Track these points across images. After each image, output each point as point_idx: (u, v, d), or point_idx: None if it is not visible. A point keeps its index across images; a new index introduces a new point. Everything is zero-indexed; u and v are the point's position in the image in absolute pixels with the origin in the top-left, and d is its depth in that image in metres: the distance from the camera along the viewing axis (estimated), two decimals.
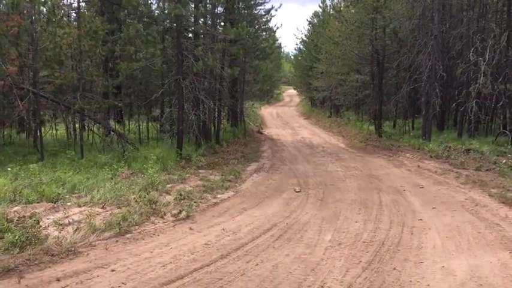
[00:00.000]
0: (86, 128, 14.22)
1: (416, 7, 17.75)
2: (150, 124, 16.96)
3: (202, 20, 15.33)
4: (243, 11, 19.01)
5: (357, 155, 15.81)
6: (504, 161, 12.09)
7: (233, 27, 13.85)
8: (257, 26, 20.30)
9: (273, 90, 49.74)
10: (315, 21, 37.86)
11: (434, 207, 8.21)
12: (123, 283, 4.75)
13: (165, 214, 7.29)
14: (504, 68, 15.86)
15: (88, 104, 12.74)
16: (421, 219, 7.41)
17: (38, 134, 12.63)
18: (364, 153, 16.22)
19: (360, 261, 5.46)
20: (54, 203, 7.40)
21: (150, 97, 15.07)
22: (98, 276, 4.92)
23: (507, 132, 15.00)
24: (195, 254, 5.67)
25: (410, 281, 4.89)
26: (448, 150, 14.25)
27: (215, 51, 13.03)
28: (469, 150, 13.83)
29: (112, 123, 15.97)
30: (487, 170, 11.67)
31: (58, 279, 4.77)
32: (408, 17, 18.53)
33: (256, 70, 19.87)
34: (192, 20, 14.79)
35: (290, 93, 61.85)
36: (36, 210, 6.80)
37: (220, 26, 17.01)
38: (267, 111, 40.25)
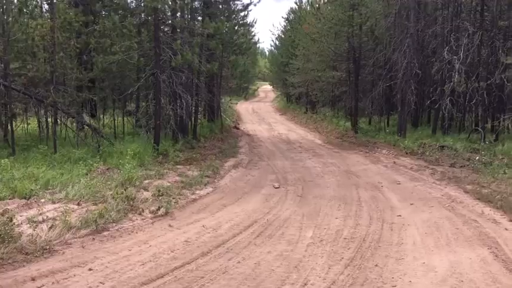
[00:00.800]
0: (59, 122, 13.84)
1: (393, 5, 17.95)
2: (125, 119, 16.65)
3: (179, 13, 15.10)
4: (220, 6, 18.83)
5: (334, 151, 15.89)
6: (477, 158, 12.33)
7: (211, 21, 13.68)
8: (235, 21, 20.15)
9: (249, 86, 49.63)
10: (291, 17, 37.94)
11: (412, 203, 8.29)
12: (101, 283, 4.60)
13: (143, 211, 7.14)
14: (477, 66, 16.18)
15: (62, 98, 12.39)
16: (399, 215, 7.47)
17: (9, 128, 12.22)
18: (341, 150, 16.32)
19: (342, 258, 5.45)
20: (27, 199, 7.16)
21: (125, 91, 14.78)
22: (74, 275, 4.76)
23: (479, 129, 15.31)
24: (175, 252, 5.56)
25: (393, 278, 4.89)
26: (423, 147, 14.46)
27: (193, 46, 12.84)
28: (443, 147, 14.07)
29: (86, 117, 15.61)
30: (461, 166, 11.87)
31: (33, 279, 4.60)
32: (385, 15, 18.73)
33: (234, 65, 19.73)
34: (169, 13, 14.56)
35: (265, 88, 61.91)
36: (9, 207, 6.56)
37: (197, 20, 16.80)
38: (242, 107, 40.16)
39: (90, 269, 4.91)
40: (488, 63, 15.72)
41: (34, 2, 14.44)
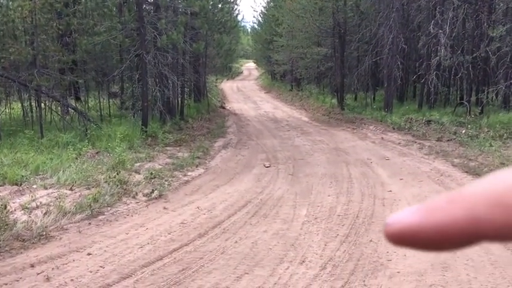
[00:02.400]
0: (44, 106, 13.63)
1: None
2: (110, 101, 16.45)
3: None
4: None
5: (321, 129, 15.96)
6: (464, 131, 12.52)
7: None
8: None
9: (233, 64, 49.27)
10: None
11: (401, 179, 8.42)
12: (101, 267, 4.63)
13: (136, 194, 7.14)
14: (463, 40, 16.27)
15: (45, 81, 12.17)
16: (390, 191, 7.59)
17: None
18: (329, 127, 16.39)
19: (337, 235, 5.55)
20: (19, 185, 7.09)
21: (109, 73, 14.56)
22: (73, 260, 4.78)
23: (465, 103, 15.49)
24: (172, 234, 5.60)
25: (387, 252, 5.01)
26: (410, 122, 14.60)
27: (178, 25, 12.65)
28: (429, 121, 14.22)
29: (71, 100, 15.38)
30: (448, 140, 12.05)
31: (32, 265, 4.61)
32: None
33: (220, 44, 19.54)
34: None
35: (248, 66, 61.48)
36: (1, 194, 6.51)
37: None
38: (227, 86, 39.89)
39: (89, 254, 4.93)
40: (473, 36, 15.83)
41: None
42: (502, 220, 0.20)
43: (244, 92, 35.74)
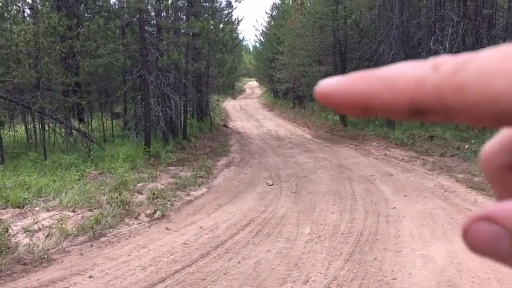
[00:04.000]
0: (47, 128, 13.70)
1: None
2: (113, 122, 16.53)
3: (164, 13, 15.01)
4: (204, 4, 18.77)
5: (324, 146, 15.94)
6: (467, 147, 12.47)
7: (197, 20, 13.62)
8: (219, 19, 20.09)
9: (236, 83, 49.58)
10: (275, 13, 37.94)
11: (405, 195, 8.37)
12: None
13: (139, 215, 7.11)
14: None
15: (49, 103, 12.26)
16: (394, 208, 7.53)
17: None
18: (331, 144, 16.38)
19: (341, 253, 5.49)
20: (21, 208, 7.08)
21: (112, 94, 14.66)
22: (75, 283, 4.74)
23: None
24: (175, 255, 5.55)
25: (393, 270, 4.95)
26: (413, 138, 14.58)
27: (180, 45, 12.78)
28: (432, 137, 14.20)
29: (75, 122, 15.47)
30: (451, 155, 12.00)
31: None
32: (369, 7, 18.79)
33: (221, 63, 19.69)
34: (153, 13, 14.47)
35: (251, 85, 61.78)
36: (3, 217, 6.49)
37: (182, 19, 16.72)
38: (230, 104, 40.07)
39: (90, 277, 4.89)
40: (473, 51, 15.87)
41: (15, 7, 14.26)
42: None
43: (247, 110, 35.86)
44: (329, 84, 0.22)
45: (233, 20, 23.26)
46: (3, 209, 7.06)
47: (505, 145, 0.23)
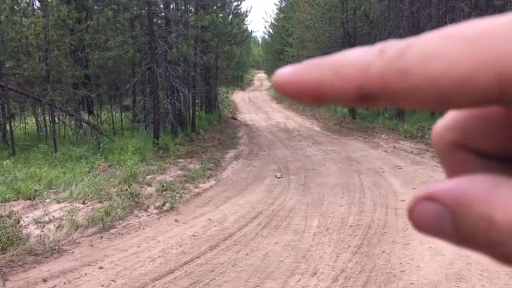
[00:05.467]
0: (57, 121, 13.82)
1: None
2: (123, 114, 16.62)
3: (172, 5, 15.02)
4: None
5: (333, 138, 15.90)
6: None
7: (206, 13, 13.61)
8: (228, 11, 20.04)
9: (245, 75, 49.54)
10: (283, 4, 37.82)
11: (414, 188, 8.33)
12: (112, 280, 4.64)
13: (148, 207, 7.16)
14: None
15: (59, 96, 12.36)
16: (403, 200, 7.51)
17: (8, 128, 12.19)
18: (340, 136, 16.34)
19: (349, 246, 5.50)
20: (32, 200, 7.17)
21: (121, 86, 14.73)
22: (85, 274, 4.80)
23: None
24: (184, 247, 5.60)
25: (401, 263, 4.95)
26: (422, 130, 14.48)
27: (189, 38, 12.78)
28: None
29: (84, 114, 15.57)
30: None
31: (44, 280, 4.63)
32: None
33: (230, 56, 19.66)
34: (162, 5, 14.47)
35: (260, 77, 61.65)
36: (14, 209, 6.58)
37: (191, 12, 16.71)
38: (239, 96, 40.03)
39: (100, 268, 4.95)
40: None
41: (25, 0, 14.34)
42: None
43: (256, 103, 35.82)
44: (284, 74, 0.22)
45: (242, 12, 23.15)
46: (14, 200, 7.14)
47: (451, 123, 0.24)
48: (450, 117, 0.25)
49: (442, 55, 0.19)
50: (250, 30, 40.38)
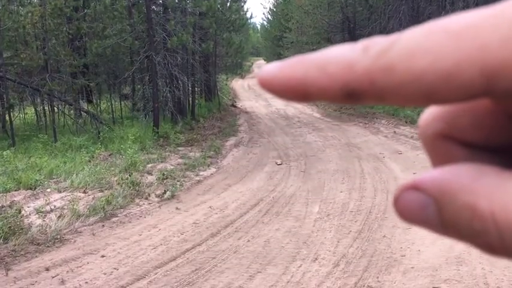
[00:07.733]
0: (57, 110, 13.80)
1: None
2: (122, 103, 16.58)
3: None
4: None
5: (333, 124, 15.88)
6: None
7: None
8: None
9: (244, 62, 49.33)
10: None
11: (414, 173, 8.32)
12: (115, 268, 4.67)
13: (149, 195, 7.18)
14: None
15: (57, 85, 12.32)
16: None
17: (8, 118, 12.18)
18: (340, 122, 16.32)
19: (350, 231, 5.52)
20: (33, 190, 7.18)
21: (120, 75, 14.68)
22: (88, 263, 4.82)
23: None
24: (185, 234, 5.62)
25: (401, 248, 4.97)
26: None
27: (187, 25, 12.69)
28: None
29: (83, 103, 15.54)
30: None
31: (47, 269, 4.66)
32: None
33: (229, 43, 19.56)
34: None
35: (259, 64, 61.36)
36: (16, 199, 6.59)
37: None
38: (238, 84, 39.91)
39: (102, 256, 4.97)
40: None
41: None
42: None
43: (255, 90, 35.69)
44: (269, 71, 0.22)
45: None
46: (15, 190, 7.15)
47: (436, 114, 0.24)
48: (436, 108, 0.25)
49: (427, 50, 0.19)
50: (248, 16, 40.14)
